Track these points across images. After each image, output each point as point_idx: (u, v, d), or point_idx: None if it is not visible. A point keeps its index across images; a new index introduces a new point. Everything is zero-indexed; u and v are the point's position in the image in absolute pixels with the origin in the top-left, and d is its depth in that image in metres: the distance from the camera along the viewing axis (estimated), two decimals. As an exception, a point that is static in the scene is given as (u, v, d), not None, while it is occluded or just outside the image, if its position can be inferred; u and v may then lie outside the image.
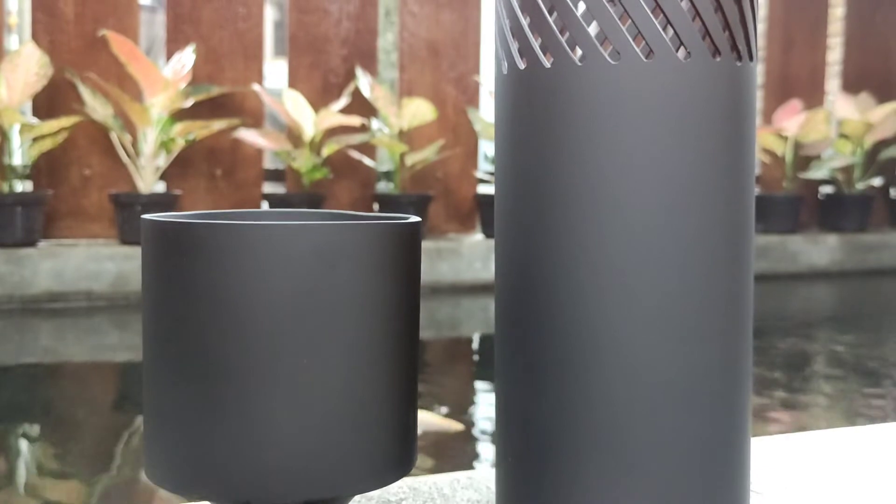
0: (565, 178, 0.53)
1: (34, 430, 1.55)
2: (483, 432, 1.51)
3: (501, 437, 0.58)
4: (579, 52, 0.54)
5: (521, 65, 0.55)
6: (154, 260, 0.47)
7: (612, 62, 0.52)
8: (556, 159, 0.53)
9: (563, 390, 0.54)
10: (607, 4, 0.51)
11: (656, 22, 0.52)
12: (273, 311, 0.45)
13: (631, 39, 0.52)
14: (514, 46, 0.56)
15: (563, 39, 0.53)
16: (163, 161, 2.84)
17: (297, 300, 0.45)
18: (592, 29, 0.61)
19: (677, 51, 0.53)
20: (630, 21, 0.53)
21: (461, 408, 1.69)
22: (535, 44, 0.54)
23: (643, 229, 0.52)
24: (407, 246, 0.50)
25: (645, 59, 0.51)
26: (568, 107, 0.53)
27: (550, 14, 0.56)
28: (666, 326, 0.53)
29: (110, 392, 1.93)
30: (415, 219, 0.52)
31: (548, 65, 0.53)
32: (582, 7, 0.53)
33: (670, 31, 0.58)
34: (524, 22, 0.55)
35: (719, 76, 0.53)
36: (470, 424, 1.56)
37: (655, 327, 0.53)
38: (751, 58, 0.55)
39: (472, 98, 3.41)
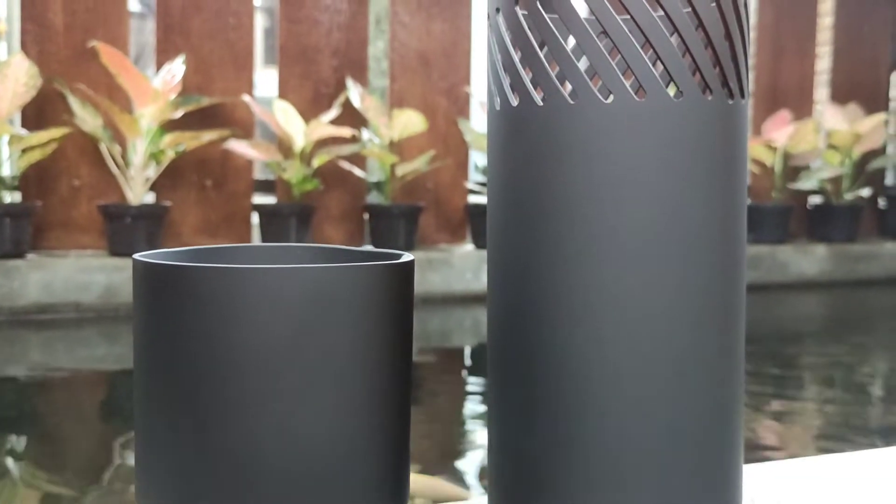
0: (558, 214, 0.53)
1: (20, 442, 1.54)
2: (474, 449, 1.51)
3: (494, 471, 0.58)
4: (569, 87, 0.55)
5: (514, 101, 0.55)
6: (146, 301, 0.47)
7: (605, 101, 0.52)
8: (549, 195, 0.53)
9: (556, 426, 0.54)
10: (600, 45, 0.52)
11: (648, 61, 0.52)
12: (265, 354, 0.45)
13: (624, 80, 0.52)
14: (506, 81, 0.56)
15: (553, 74, 0.54)
16: (152, 172, 2.84)
17: (290, 343, 0.45)
18: (583, 64, 0.61)
19: (669, 89, 0.53)
20: (623, 61, 0.53)
21: (451, 435, 1.69)
22: (527, 78, 0.54)
23: (636, 267, 0.52)
24: (400, 285, 0.50)
25: (637, 99, 0.51)
26: (560, 145, 0.53)
27: (541, 49, 0.56)
28: (659, 363, 0.53)
29: (99, 404, 1.92)
30: (407, 257, 0.52)
31: (540, 102, 0.53)
32: (572, 43, 0.53)
33: (662, 71, 0.58)
34: (515, 57, 0.55)
35: (711, 115, 0.53)
36: (461, 452, 1.56)
37: (649, 363, 0.53)
38: (742, 95, 0.55)
39: (463, 109, 3.41)
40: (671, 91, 0.54)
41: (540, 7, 0.53)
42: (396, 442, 0.50)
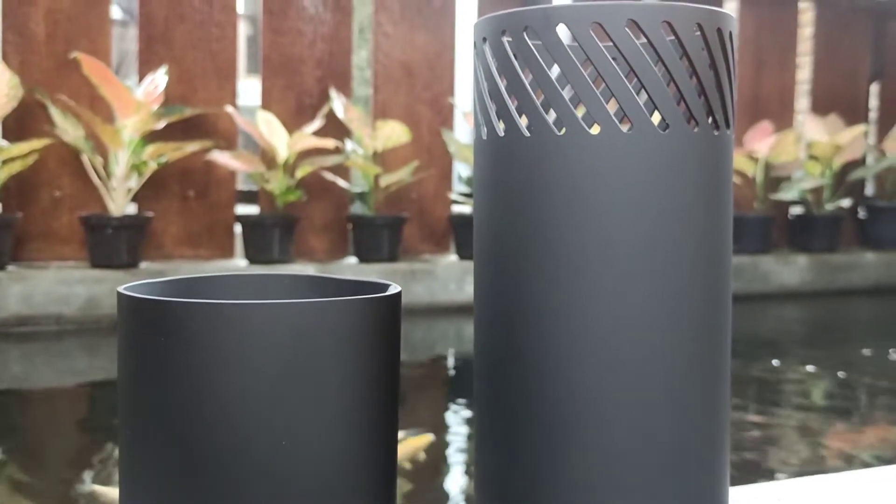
0: (545, 244, 0.53)
1: None
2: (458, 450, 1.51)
3: (482, 496, 0.58)
4: (553, 114, 0.55)
5: (501, 132, 0.55)
6: (130, 336, 0.47)
7: (591, 133, 0.52)
8: (536, 225, 0.53)
9: (539, 457, 0.54)
10: (585, 75, 0.52)
11: (632, 89, 0.52)
12: (252, 391, 0.45)
13: (609, 111, 0.52)
14: (493, 111, 0.56)
15: (539, 105, 0.54)
16: (134, 183, 2.82)
17: (277, 379, 0.45)
18: (569, 94, 0.62)
19: (654, 118, 0.53)
20: (607, 89, 0.53)
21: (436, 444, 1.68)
22: (513, 109, 0.54)
23: (622, 298, 0.52)
24: (388, 318, 0.49)
25: (624, 131, 0.52)
26: (548, 176, 0.53)
27: (528, 79, 0.56)
28: (646, 392, 0.53)
29: (79, 416, 1.91)
30: (395, 289, 0.51)
31: (527, 133, 0.53)
32: (557, 72, 0.53)
33: (647, 100, 0.58)
34: (502, 87, 0.55)
35: (697, 147, 0.53)
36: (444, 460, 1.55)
37: (636, 393, 0.53)
38: (728, 126, 0.55)
39: (447, 119, 3.42)
40: (655, 119, 0.54)
41: (526, 38, 0.53)
42: (384, 474, 0.50)
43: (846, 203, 3.94)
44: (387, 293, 0.49)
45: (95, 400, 2.03)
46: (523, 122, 0.54)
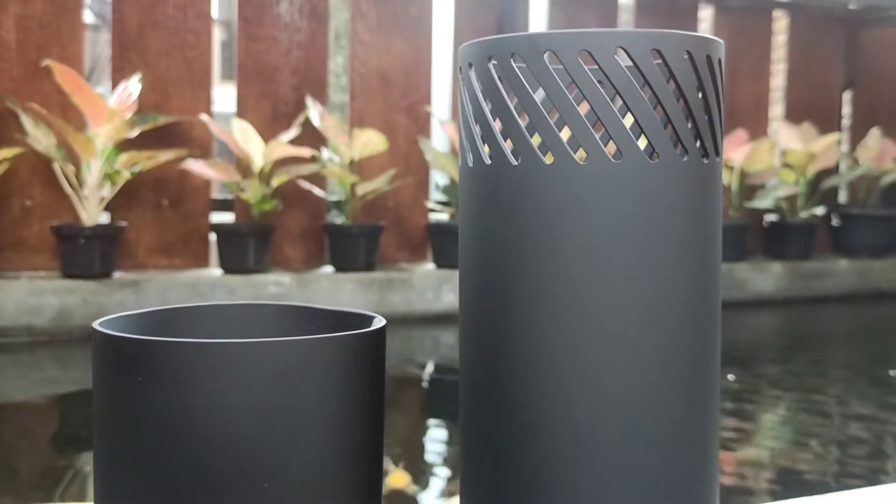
0: (532, 272, 0.52)
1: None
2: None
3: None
4: (540, 142, 0.54)
5: (487, 159, 0.54)
6: (106, 375, 0.45)
7: (580, 162, 0.51)
8: (523, 253, 0.52)
9: (529, 492, 0.53)
10: (581, 114, 0.51)
11: (625, 123, 0.51)
12: (233, 431, 0.43)
13: (599, 141, 0.51)
14: (479, 138, 0.55)
15: (527, 134, 0.53)
16: (107, 191, 2.78)
17: (259, 420, 0.43)
18: (556, 121, 0.61)
19: (640, 142, 0.52)
20: (602, 127, 0.52)
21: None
22: (500, 137, 0.53)
23: (610, 328, 0.51)
24: (373, 353, 0.48)
25: (614, 161, 0.51)
26: (535, 205, 0.52)
27: (516, 109, 0.55)
28: (633, 427, 0.52)
29: (50, 430, 1.87)
30: (379, 323, 0.50)
31: (515, 162, 0.52)
32: (556, 117, 0.52)
33: (641, 135, 0.57)
34: (489, 115, 0.54)
35: (686, 176, 0.52)
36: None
37: (623, 427, 0.52)
38: (717, 154, 0.55)
39: (424, 127, 3.41)
40: (642, 144, 0.53)
41: (513, 64, 0.52)
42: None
43: (820, 211, 3.97)
44: (372, 328, 0.48)
45: (66, 413, 2.00)
46: (510, 149, 0.53)
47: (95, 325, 0.46)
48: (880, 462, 1.65)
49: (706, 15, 4.19)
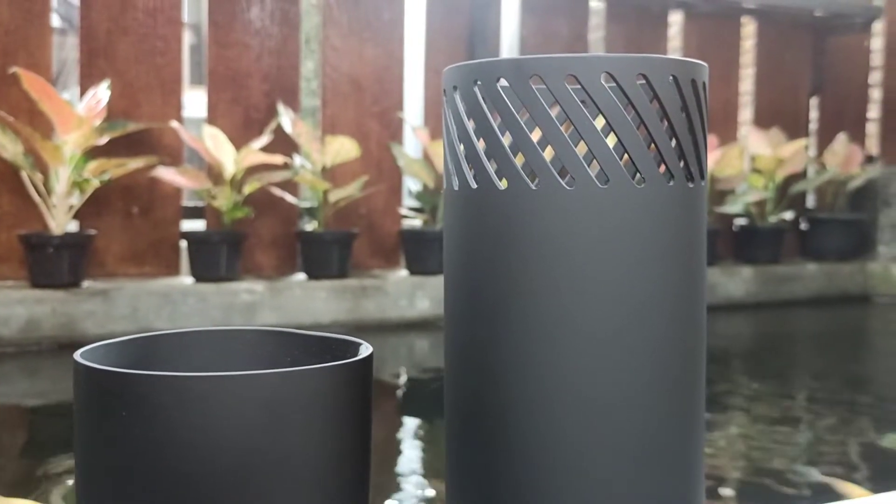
0: (518, 297, 0.52)
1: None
2: None
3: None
4: (527, 167, 0.53)
5: (473, 183, 0.54)
6: (88, 408, 0.44)
7: (567, 188, 0.51)
8: (510, 278, 0.52)
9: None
10: (568, 140, 0.50)
11: (614, 151, 0.51)
12: (217, 464, 0.42)
13: (587, 167, 0.51)
14: (463, 159, 0.54)
15: (513, 158, 0.52)
16: (76, 200, 2.75)
17: (244, 452, 0.43)
18: (543, 146, 0.60)
19: (634, 177, 0.52)
20: (591, 155, 0.52)
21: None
22: (486, 161, 0.53)
23: (596, 352, 0.51)
24: (359, 383, 0.48)
25: (601, 186, 0.51)
26: (522, 231, 0.51)
27: (502, 133, 0.55)
28: (621, 452, 0.52)
29: (19, 442, 1.84)
30: (366, 351, 0.50)
31: (501, 186, 0.52)
32: (538, 136, 0.52)
33: (626, 159, 0.57)
34: (475, 140, 0.54)
35: (673, 201, 0.52)
36: None
37: (611, 453, 0.52)
38: (702, 178, 0.55)
39: (396, 133, 3.40)
40: (629, 169, 0.53)
41: (498, 88, 0.52)
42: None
43: (788, 215, 4.01)
44: (358, 357, 0.48)
45: (34, 426, 1.97)
46: (496, 173, 0.52)
47: (77, 356, 0.45)
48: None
49: (676, 20, 4.22)
